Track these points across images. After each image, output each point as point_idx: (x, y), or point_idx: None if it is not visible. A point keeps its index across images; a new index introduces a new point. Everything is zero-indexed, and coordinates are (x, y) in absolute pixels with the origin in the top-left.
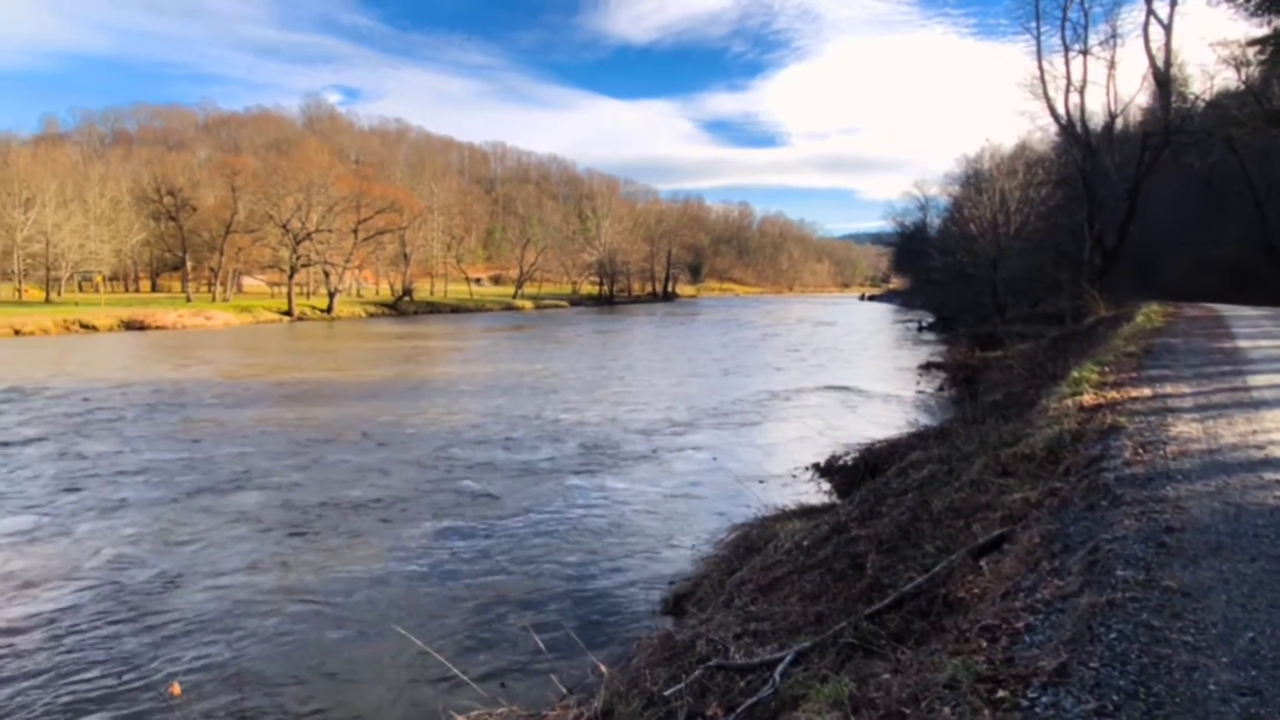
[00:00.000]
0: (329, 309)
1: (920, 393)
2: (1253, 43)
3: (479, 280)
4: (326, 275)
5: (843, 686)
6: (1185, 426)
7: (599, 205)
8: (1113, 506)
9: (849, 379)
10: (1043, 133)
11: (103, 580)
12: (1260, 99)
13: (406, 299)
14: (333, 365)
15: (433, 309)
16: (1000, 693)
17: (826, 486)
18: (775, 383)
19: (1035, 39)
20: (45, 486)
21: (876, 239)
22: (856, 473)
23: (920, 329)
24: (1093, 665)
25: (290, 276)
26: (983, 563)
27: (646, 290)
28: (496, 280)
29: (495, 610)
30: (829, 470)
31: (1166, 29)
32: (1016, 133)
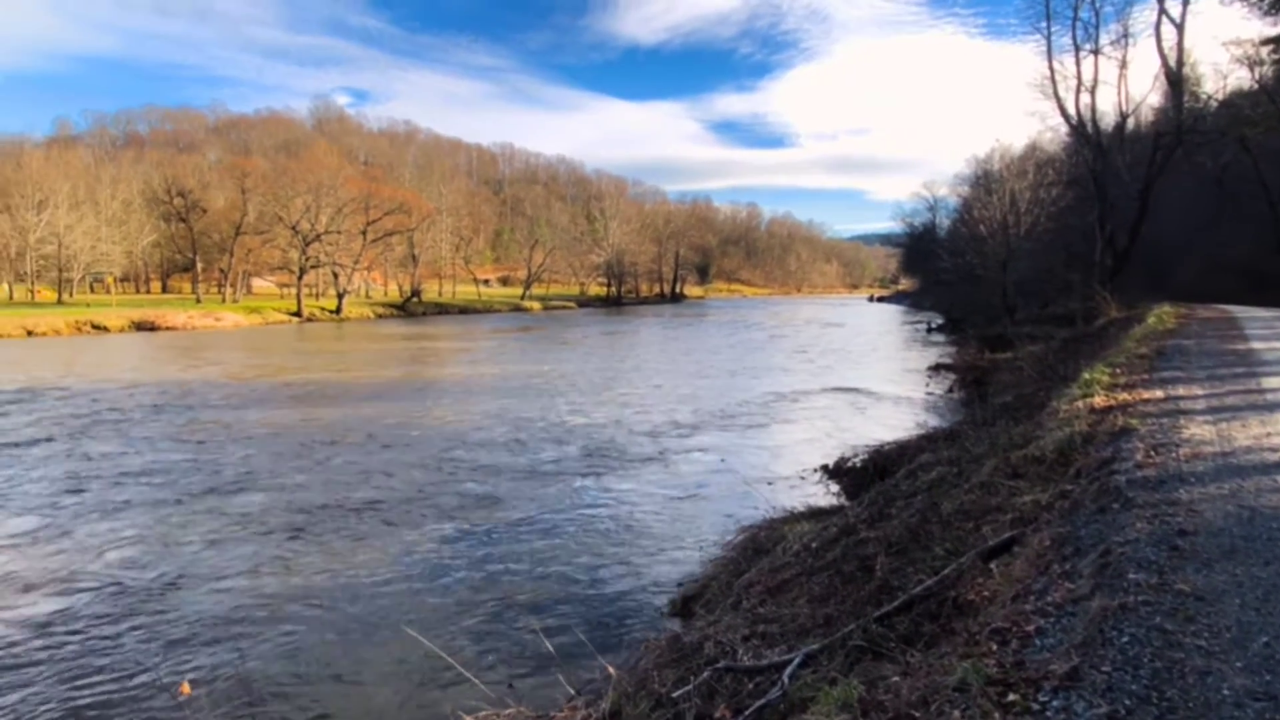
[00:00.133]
0: (338, 310)
1: (929, 394)
2: (1266, 42)
3: (487, 281)
4: (335, 277)
5: (852, 689)
6: (1198, 429)
7: (607, 206)
8: (1124, 509)
9: (857, 380)
10: (1053, 133)
11: (109, 581)
12: (1274, 98)
13: (415, 300)
14: (340, 366)
15: (441, 310)
16: (1011, 696)
17: (835, 488)
18: (783, 384)
19: (1046, 39)
20: (53, 487)
21: (885, 240)
22: (865, 475)
23: (929, 330)
24: (1105, 669)
25: (299, 278)
26: (993, 565)
27: (654, 291)
28: (505, 281)
29: (503, 611)
30: (837, 472)
31: (1179, 28)
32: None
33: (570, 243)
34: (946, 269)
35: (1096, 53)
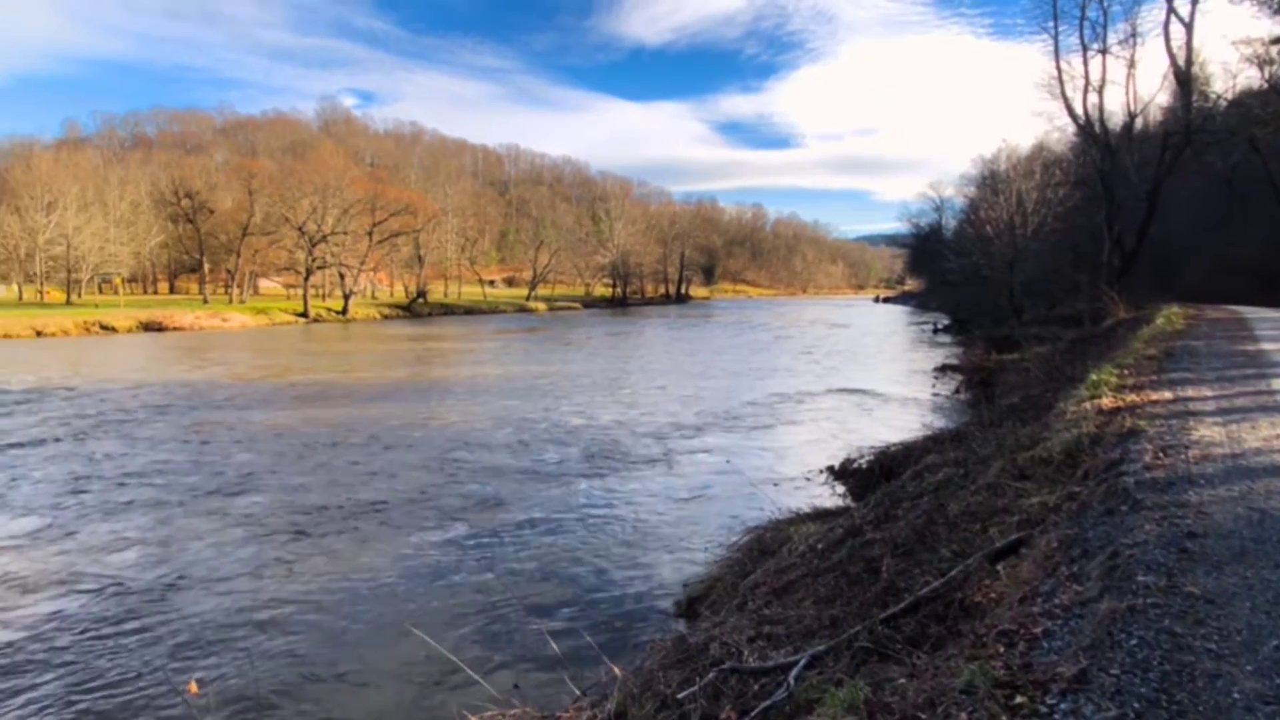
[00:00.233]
0: (344, 311)
1: (935, 395)
2: (1276, 40)
3: (492, 282)
4: (342, 277)
5: (858, 691)
6: (1207, 430)
7: (612, 207)
8: (1133, 511)
9: (863, 381)
10: (1060, 133)
11: (115, 582)
12: None
13: (421, 301)
14: (346, 367)
15: (447, 311)
16: (1018, 699)
17: (841, 489)
18: (789, 385)
19: (1053, 39)
20: (59, 487)
21: (891, 241)
22: (871, 476)
23: (935, 331)
24: (1113, 672)
25: (306, 278)
26: (1000, 567)
27: (659, 292)
28: (510, 282)
29: (508, 612)
30: (843, 473)
31: (1188, 27)
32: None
33: (575, 244)
34: (953, 270)
35: (1104, 52)
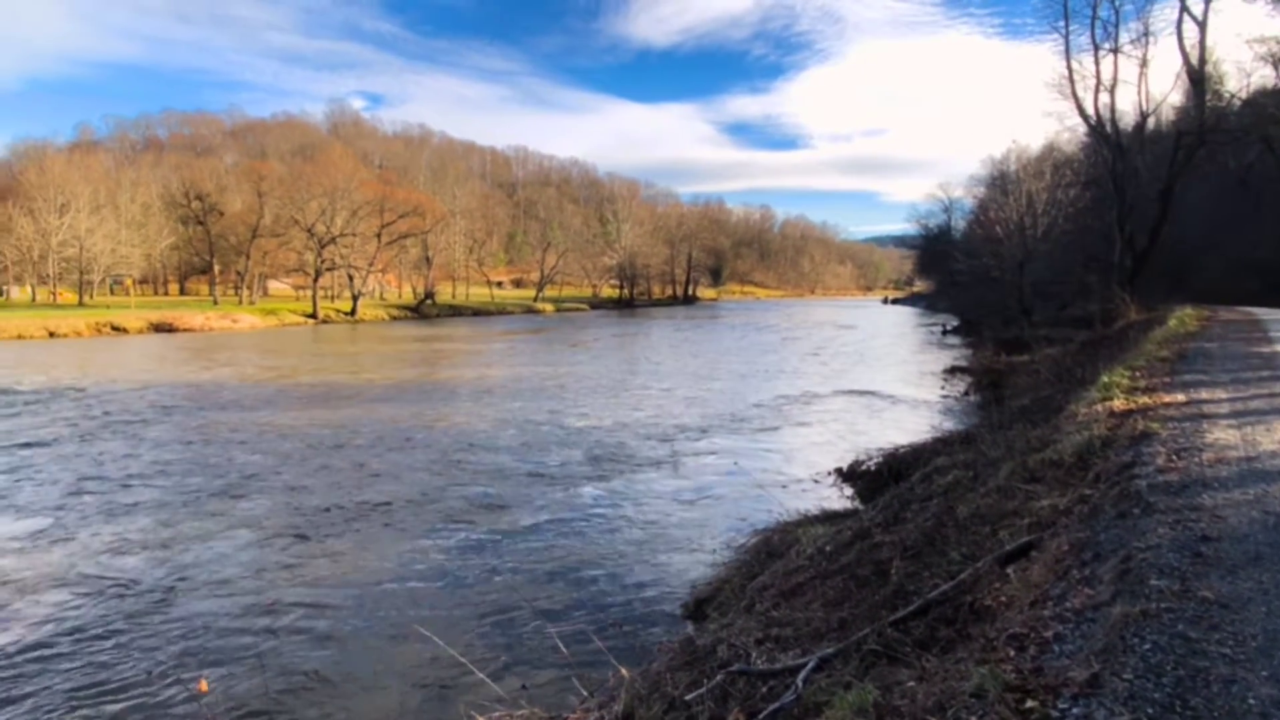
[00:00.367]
0: (353, 312)
1: (945, 397)
2: None
3: (500, 283)
4: (350, 279)
5: (867, 694)
6: (1222, 433)
7: (620, 208)
8: (1145, 514)
9: (872, 383)
10: (1071, 133)
11: (123, 582)
12: None
13: (429, 302)
14: (354, 368)
15: (455, 312)
16: (1029, 703)
17: (849, 492)
18: (797, 386)
19: (1064, 38)
20: (68, 487)
21: (900, 242)
22: (880, 478)
23: (944, 333)
24: (1126, 677)
25: (315, 280)
26: (1010, 570)
27: (667, 293)
28: (518, 283)
29: (515, 614)
30: (852, 475)
31: (1201, 26)
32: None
33: (583, 245)
34: (962, 271)
35: (1116, 51)
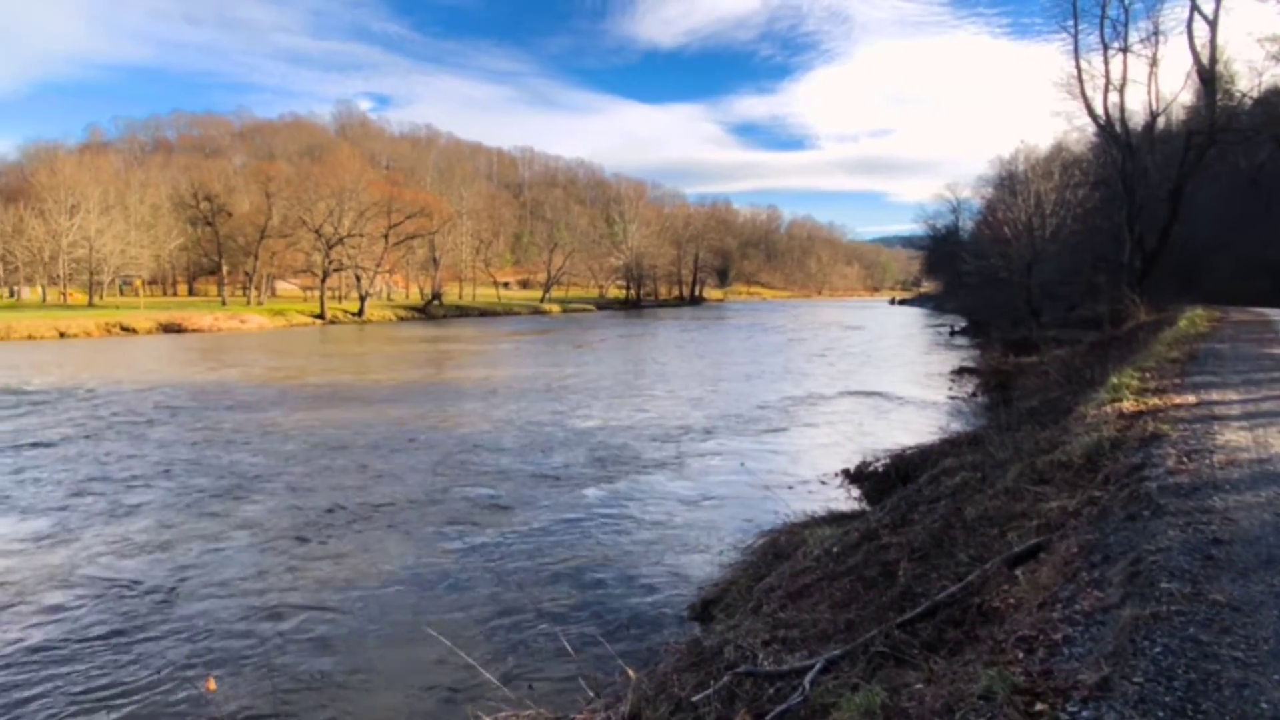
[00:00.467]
0: (360, 313)
1: (952, 398)
2: None
3: (507, 284)
4: (358, 279)
5: (874, 696)
6: (1233, 435)
7: (626, 209)
8: (1155, 517)
9: (879, 384)
10: (1080, 133)
11: (130, 582)
12: None
13: (436, 303)
14: (361, 369)
15: (462, 313)
16: (1038, 706)
17: (856, 493)
18: (803, 387)
19: (1073, 37)
20: (77, 487)
21: (907, 242)
22: (887, 479)
23: (952, 333)
24: (1136, 680)
25: (322, 281)
26: (1018, 572)
27: (673, 294)
28: (524, 284)
29: (522, 614)
30: (859, 476)
31: (1212, 24)
32: (1052, 133)
33: (589, 246)
34: (970, 271)
35: (1125, 51)
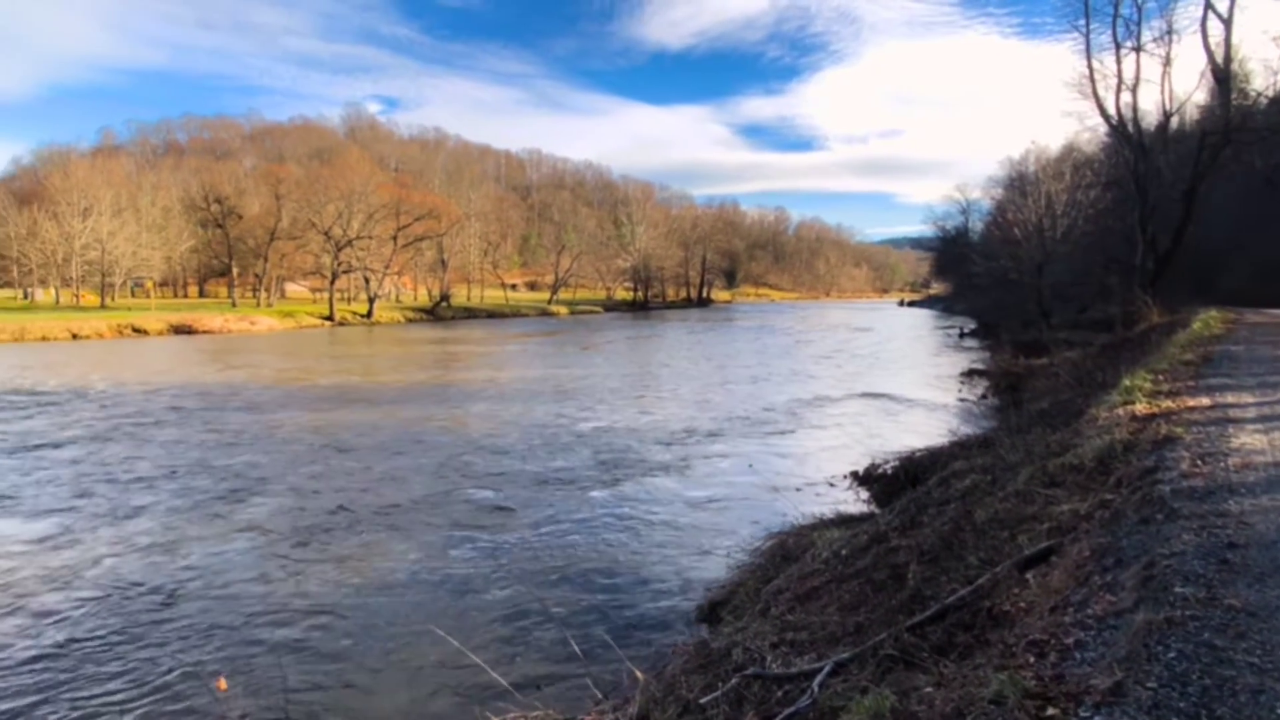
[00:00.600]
0: (369, 314)
1: (962, 401)
2: None
3: (515, 286)
4: (367, 281)
5: (884, 699)
6: (1249, 438)
7: (634, 211)
8: (1169, 520)
9: (887, 386)
10: (1091, 133)
11: (139, 583)
12: None
13: (444, 304)
14: (370, 370)
15: (470, 314)
16: (1050, 710)
17: (865, 495)
18: (812, 390)
19: (1084, 37)
20: (83, 489)
21: (916, 243)
22: (896, 482)
23: (962, 335)
24: (1150, 685)
25: (332, 282)
26: (1029, 575)
27: (681, 296)
28: (532, 286)
29: (530, 615)
30: (867, 479)
31: (1226, 23)
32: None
33: (597, 247)
34: (979, 273)
35: (1138, 50)
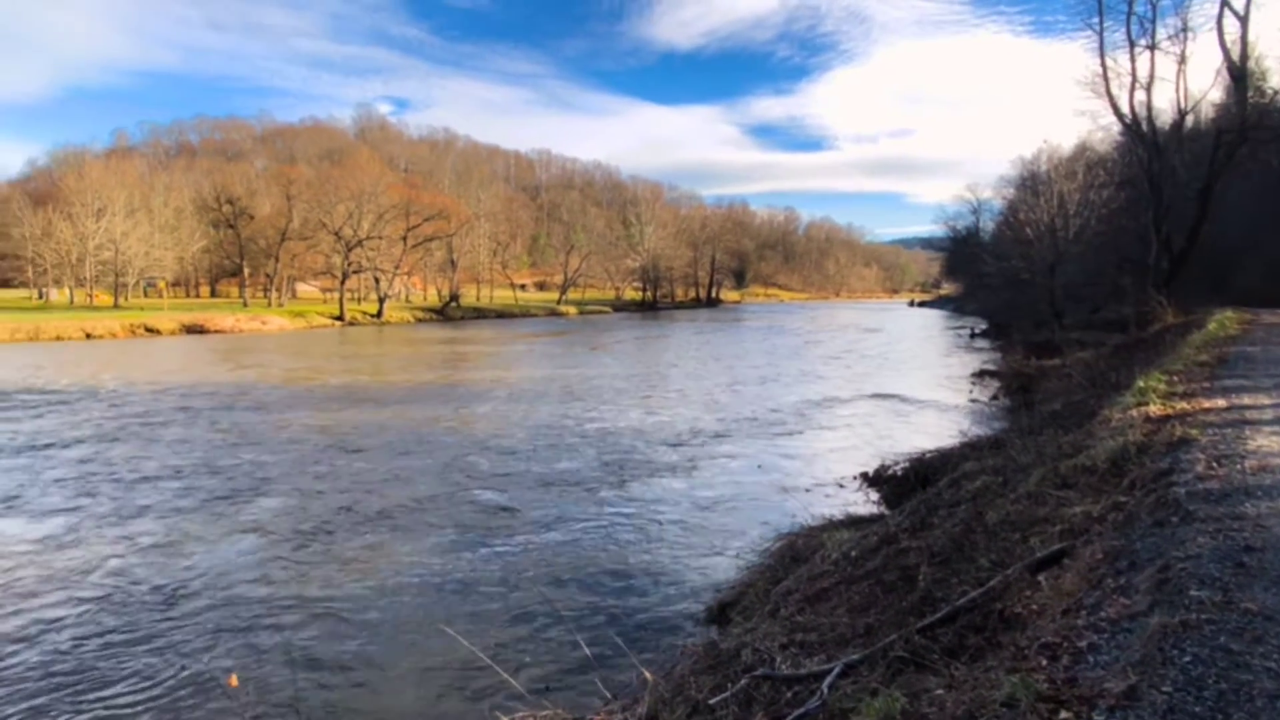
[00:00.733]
0: (379, 314)
1: (973, 402)
2: None
3: (524, 286)
4: (377, 281)
5: (894, 701)
6: (1266, 440)
7: (643, 211)
8: (1184, 523)
9: (897, 387)
10: (1105, 132)
11: (149, 581)
12: None
13: (453, 305)
14: (380, 370)
15: (479, 314)
16: (1063, 714)
17: (875, 496)
18: (821, 390)
19: (1098, 35)
20: (92, 488)
21: (927, 244)
22: (906, 483)
23: (973, 336)
24: (1165, 689)
25: (342, 282)
26: (1041, 578)
27: (690, 296)
28: (541, 286)
29: (539, 615)
30: (877, 480)
31: (1242, 20)
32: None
33: (606, 248)
34: (991, 273)
35: (1153, 48)
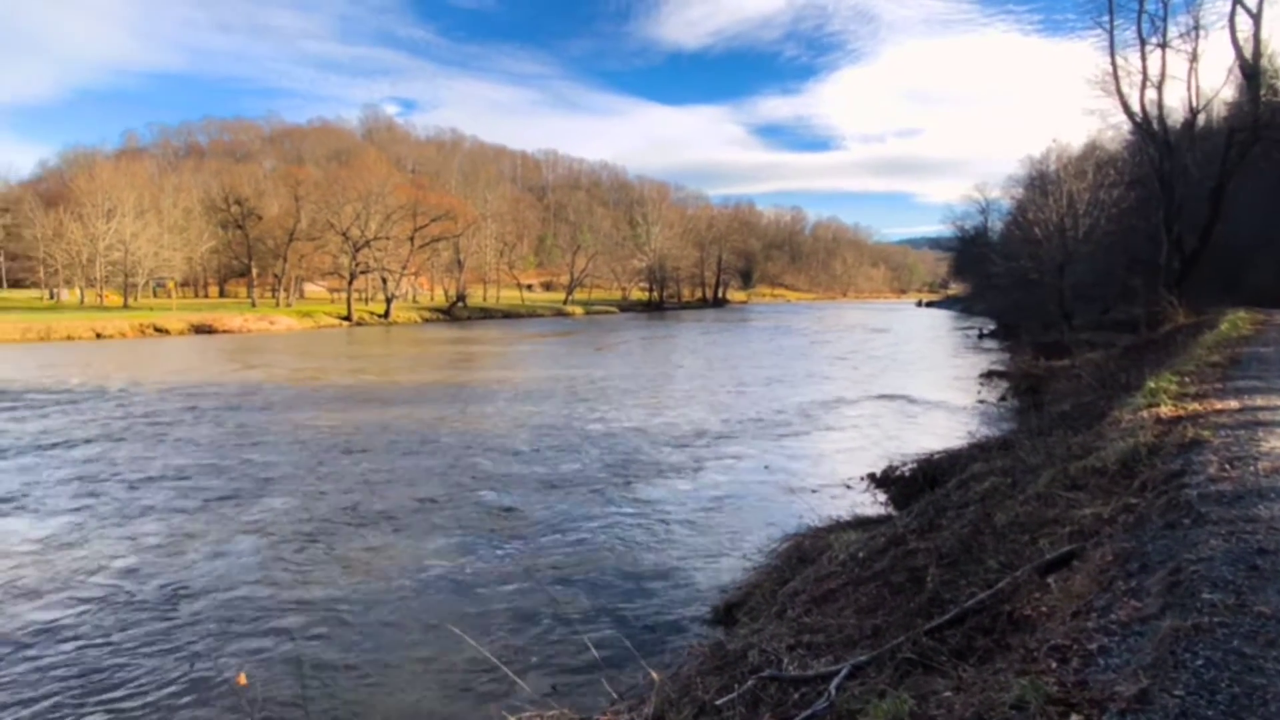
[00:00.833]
0: (386, 314)
1: (981, 403)
2: None
3: (530, 286)
4: (384, 281)
5: (902, 703)
6: (1279, 442)
7: (649, 211)
8: (1196, 525)
9: (905, 388)
10: (1115, 131)
11: (157, 581)
12: None
13: (460, 305)
14: (387, 370)
15: (486, 314)
16: (1073, 717)
17: (882, 497)
18: (828, 391)
19: (1108, 33)
20: (98, 488)
21: (935, 244)
22: (914, 484)
23: (981, 336)
24: (1177, 693)
25: (349, 283)
26: (1050, 580)
27: (696, 296)
28: (548, 286)
29: (545, 616)
30: (885, 481)
31: (1255, 18)
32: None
33: (612, 248)
34: (999, 273)
35: (1164, 46)
